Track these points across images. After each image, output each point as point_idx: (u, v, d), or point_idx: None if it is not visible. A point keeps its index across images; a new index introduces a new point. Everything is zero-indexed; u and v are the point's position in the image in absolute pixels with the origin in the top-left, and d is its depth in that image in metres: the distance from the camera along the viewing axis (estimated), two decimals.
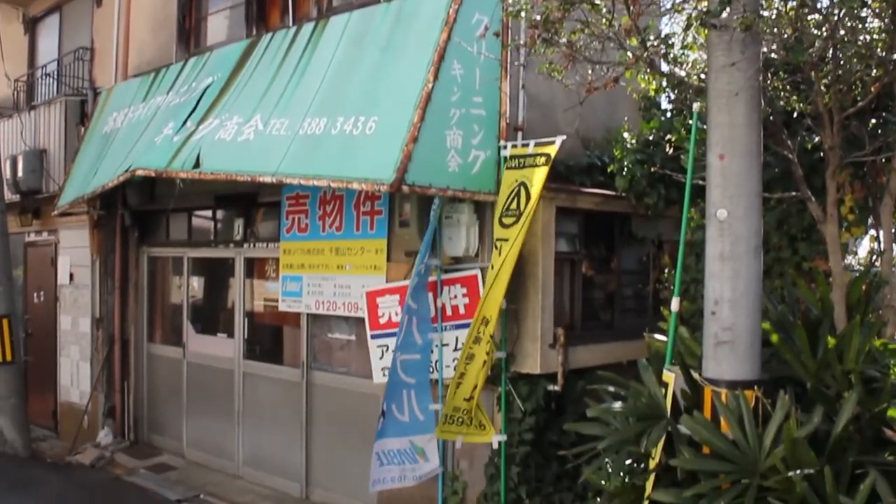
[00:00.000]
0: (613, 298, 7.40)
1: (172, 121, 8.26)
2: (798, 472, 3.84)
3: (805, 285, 4.94)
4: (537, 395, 6.44)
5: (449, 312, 6.75)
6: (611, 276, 7.36)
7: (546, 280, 6.38)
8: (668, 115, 6.85)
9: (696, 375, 4.47)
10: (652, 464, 4.43)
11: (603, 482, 4.74)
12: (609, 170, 6.85)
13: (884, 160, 5.10)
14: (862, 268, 5.85)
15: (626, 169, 6.68)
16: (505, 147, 6.37)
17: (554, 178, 6.53)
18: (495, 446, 6.45)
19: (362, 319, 7.20)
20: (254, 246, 8.84)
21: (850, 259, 6.11)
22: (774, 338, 4.54)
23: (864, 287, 4.85)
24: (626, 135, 6.97)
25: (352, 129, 6.35)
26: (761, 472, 3.97)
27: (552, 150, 6.08)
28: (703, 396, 4.40)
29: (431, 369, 6.67)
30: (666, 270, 7.11)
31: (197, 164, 7.40)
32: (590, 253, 7.10)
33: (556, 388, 6.44)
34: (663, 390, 4.56)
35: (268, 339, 8.90)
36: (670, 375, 4.54)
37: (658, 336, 5.03)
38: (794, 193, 5.14)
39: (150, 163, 8.07)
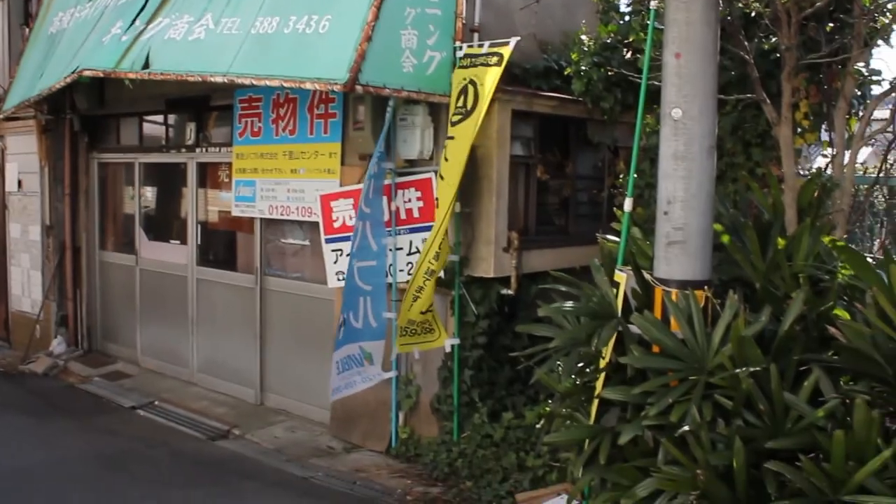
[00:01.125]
0: (568, 204, 7.39)
1: (121, 20, 7.95)
2: (744, 369, 3.90)
3: (758, 189, 4.93)
4: (491, 299, 6.46)
5: (403, 216, 6.70)
6: (566, 182, 7.33)
7: (500, 184, 6.34)
8: (627, 18, 6.74)
9: (647, 276, 4.48)
10: (602, 363, 4.47)
11: (554, 383, 4.79)
12: (566, 73, 6.76)
13: (840, 65, 5.08)
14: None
15: (582, 72, 6.59)
16: (460, 48, 6.25)
17: (510, 82, 6.45)
18: (448, 350, 6.48)
19: (316, 224, 7.14)
20: (206, 151, 8.67)
21: (804, 167, 6.14)
22: (725, 239, 4.54)
23: (815, 191, 4.87)
24: (583, 38, 6.86)
25: (304, 28, 6.17)
26: (709, 370, 4.02)
27: (506, 51, 5.97)
28: (653, 297, 4.43)
29: (387, 274, 6.65)
30: (621, 176, 7.09)
31: (146, 65, 7.18)
32: (545, 157, 7.06)
33: (510, 291, 6.46)
34: (615, 291, 4.58)
35: (221, 245, 8.80)
36: (622, 276, 4.54)
37: (611, 237, 5.02)
38: (749, 96, 5.10)
39: (98, 63, 7.80)
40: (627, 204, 4.68)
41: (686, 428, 3.82)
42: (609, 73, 6.47)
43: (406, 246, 6.66)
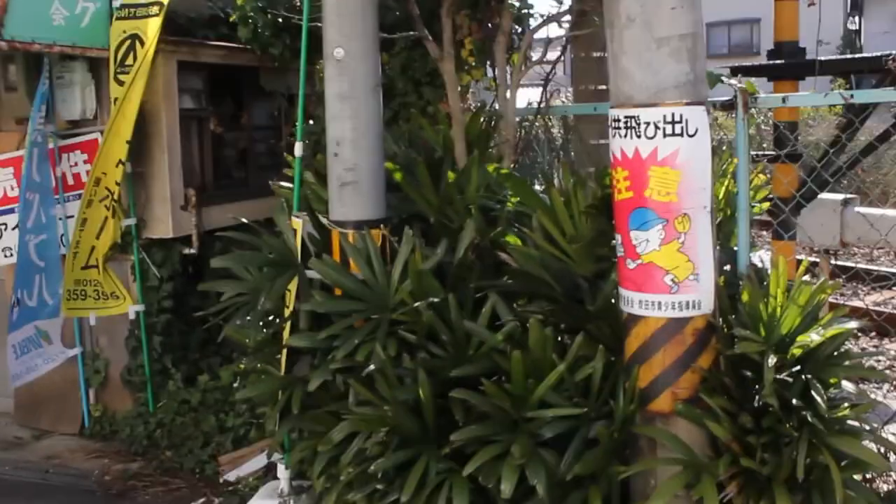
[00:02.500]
0: (246, 155, 7.20)
1: None
2: (423, 302, 3.99)
3: (428, 126, 5.04)
4: (173, 260, 6.19)
5: (70, 182, 6.22)
6: (242, 133, 7.13)
7: (172, 139, 6.04)
8: None
9: (323, 219, 4.44)
10: (287, 312, 4.40)
11: (243, 338, 4.66)
12: (230, 20, 6.50)
13: (498, 1, 5.25)
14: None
15: (249, 18, 6.36)
16: None
17: (175, 32, 6.12)
18: (132, 317, 6.13)
19: None
20: None
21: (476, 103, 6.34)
22: (398, 176, 4.60)
23: (481, 124, 5.05)
24: None
25: None
26: (391, 307, 4.08)
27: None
28: (332, 240, 4.41)
29: (59, 245, 6.13)
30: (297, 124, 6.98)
31: None
32: (218, 110, 6.80)
33: (192, 251, 6.22)
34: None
35: None
36: (298, 221, 4.48)
37: (285, 185, 4.94)
38: (413, 34, 5.16)
39: None
40: (298, 149, 4.62)
41: (372, 367, 3.85)
42: (276, 19, 6.30)
43: (77, 213, 6.17)
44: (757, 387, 3.51)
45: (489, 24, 5.64)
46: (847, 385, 3.67)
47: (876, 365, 5.93)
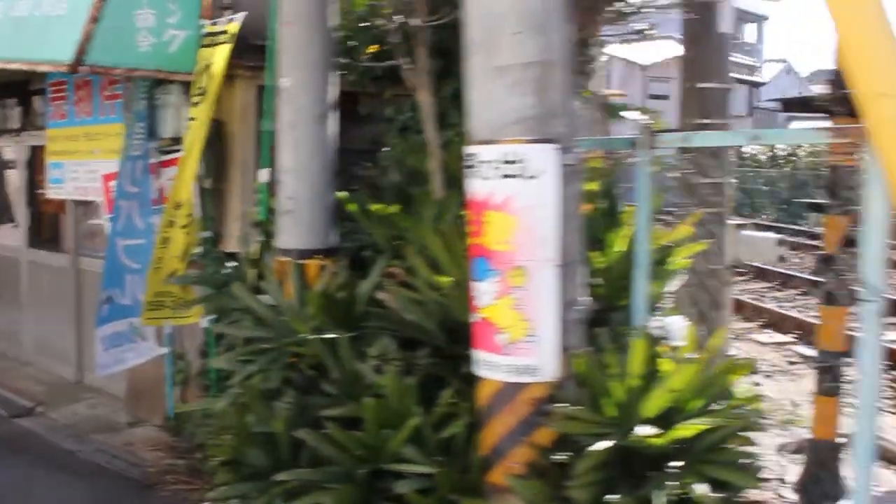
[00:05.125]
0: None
1: None
2: (317, 336, 3.91)
3: (412, 154, 4.91)
4: None
5: (167, 194, 6.75)
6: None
7: (247, 161, 6.35)
8: None
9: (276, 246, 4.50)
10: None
11: None
12: None
13: None
14: None
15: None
16: (204, 26, 6.26)
17: (259, 57, 6.42)
18: (205, 325, 6.53)
19: None
20: (32, 135, 8.78)
21: None
22: (351, 207, 4.53)
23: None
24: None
25: (49, 11, 6.23)
26: (293, 338, 4.02)
27: (232, 27, 5.95)
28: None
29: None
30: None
31: None
32: None
33: None
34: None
35: (48, 227, 8.92)
36: (256, 247, 4.58)
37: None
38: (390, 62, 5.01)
39: None
40: (262, 175, 4.70)
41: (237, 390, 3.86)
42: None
43: (158, 231, 6.67)
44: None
45: None
46: None
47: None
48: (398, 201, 4.63)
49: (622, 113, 3.83)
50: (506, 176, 3.14)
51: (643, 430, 2.99)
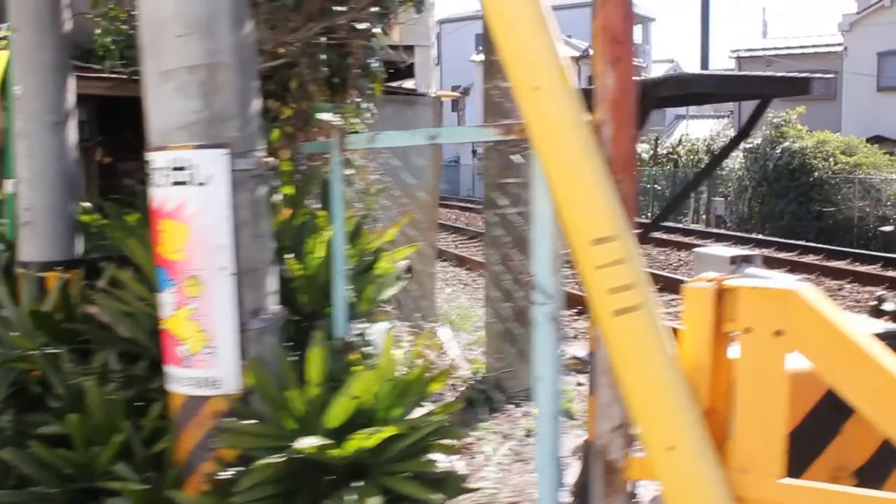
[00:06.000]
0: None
1: None
2: (39, 351, 3.76)
3: None
4: None
5: None
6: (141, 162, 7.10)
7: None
8: None
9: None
10: None
11: None
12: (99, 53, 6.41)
13: None
14: None
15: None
16: None
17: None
18: None
19: None
20: None
21: None
22: (86, 218, 4.37)
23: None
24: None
25: None
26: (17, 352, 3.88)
27: None
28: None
29: None
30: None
31: None
32: (108, 140, 6.86)
33: None
34: None
35: None
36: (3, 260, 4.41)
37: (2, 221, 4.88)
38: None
39: None
40: (8, 186, 4.53)
41: None
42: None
43: None
44: None
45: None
46: None
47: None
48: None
49: (319, 115, 3.71)
50: (176, 183, 3.04)
51: (312, 441, 2.90)
